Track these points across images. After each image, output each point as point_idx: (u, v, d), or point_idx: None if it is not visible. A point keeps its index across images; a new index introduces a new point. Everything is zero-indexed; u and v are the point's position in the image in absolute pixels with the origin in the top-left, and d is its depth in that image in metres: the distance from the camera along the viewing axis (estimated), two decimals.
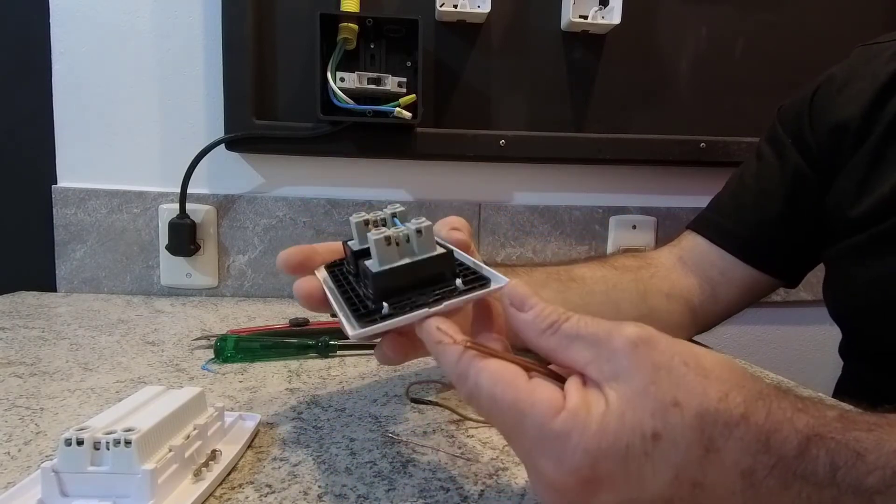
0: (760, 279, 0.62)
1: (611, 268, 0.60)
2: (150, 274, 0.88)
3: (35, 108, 0.86)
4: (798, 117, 0.59)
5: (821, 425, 0.25)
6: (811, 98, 0.58)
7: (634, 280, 0.60)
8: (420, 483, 0.35)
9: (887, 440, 0.24)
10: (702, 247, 0.63)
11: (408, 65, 0.84)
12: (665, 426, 0.24)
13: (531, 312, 0.28)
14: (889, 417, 0.26)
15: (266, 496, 0.33)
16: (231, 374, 0.54)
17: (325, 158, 0.89)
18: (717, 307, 0.63)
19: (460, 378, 0.27)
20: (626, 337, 0.25)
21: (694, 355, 0.26)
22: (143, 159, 0.88)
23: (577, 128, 0.91)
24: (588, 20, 0.85)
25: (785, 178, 0.59)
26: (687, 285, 0.62)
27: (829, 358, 0.62)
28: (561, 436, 0.24)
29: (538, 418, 0.25)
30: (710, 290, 0.62)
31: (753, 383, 0.25)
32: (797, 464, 0.24)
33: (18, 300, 0.82)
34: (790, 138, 0.60)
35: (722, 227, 0.63)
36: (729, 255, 0.62)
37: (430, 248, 0.32)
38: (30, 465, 0.35)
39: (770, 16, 0.93)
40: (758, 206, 0.61)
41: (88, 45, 0.85)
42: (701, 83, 0.93)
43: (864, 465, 0.24)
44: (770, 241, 0.61)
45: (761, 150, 0.63)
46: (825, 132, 0.56)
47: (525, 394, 0.25)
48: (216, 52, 0.84)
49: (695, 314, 0.62)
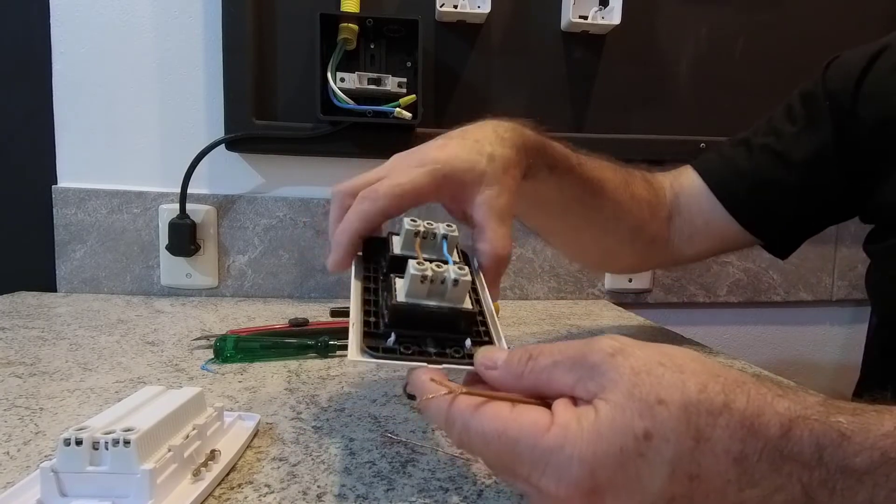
0: (745, 238, 0.60)
1: (629, 195, 0.59)
2: (150, 274, 0.88)
3: (35, 108, 0.86)
4: (845, 81, 0.53)
5: (802, 409, 0.25)
6: (868, 63, 0.52)
7: (638, 217, 0.60)
8: (419, 483, 0.35)
9: (873, 423, 0.24)
10: (697, 188, 0.61)
11: (408, 65, 0.84)
12: (654, 424, 0.24)
13: (502, 366, 0.29)
14: (874, 405, 0.26)
15: (265, 496, 0.33)
16: (231, 374, 0.54)
17: (325, 158, 0.89)
18: (689, 253, 0.64)
19: (448, 425, 0.27)
20: (602, 351, 0.26)
21: (667, 355, 0.26)
22: (143, 159, 0.88)
23: (577, 128, 0.91)
24: (588, 20, 0.85)
25: (809, 144, 0.55)
26: (669, 231, 0.62)
27: (829, 358, 0.62)
28: (554, 450, 0.24)
29: (529, 439, 0.25)
30: (689, 237, 0.62)
31: (728, 373, 0.26)
32: (783, 444, 0.24)
33: (18, 300, 0.82)
34: (828, 101, 0.54)
35: (723, 175, 0.60)
36: (722, 207, 0.59)
37: (459, 299, 0.33)
38: (29, 465, 0.35)
39: (770, 16, 0.93)
40: (769, 166, 0.57)
41: (88, 45, 0.85)
42: (701, 83, 0.93)
43: (850, 446, 0.24)
44: (773, 207, 0.58)
45: (793, 105, 0.58)
46: (875, 111, 0.51)
47: (511, 421, 0.26)
48: (216, 52, 0.84)
49: (667, 258, 0.64)
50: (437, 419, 0.28)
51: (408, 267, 0.32)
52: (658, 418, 0.24)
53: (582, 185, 0.54)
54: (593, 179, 0.55)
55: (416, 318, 0.32)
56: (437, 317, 0.32)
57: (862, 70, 0.52)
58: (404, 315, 0.32)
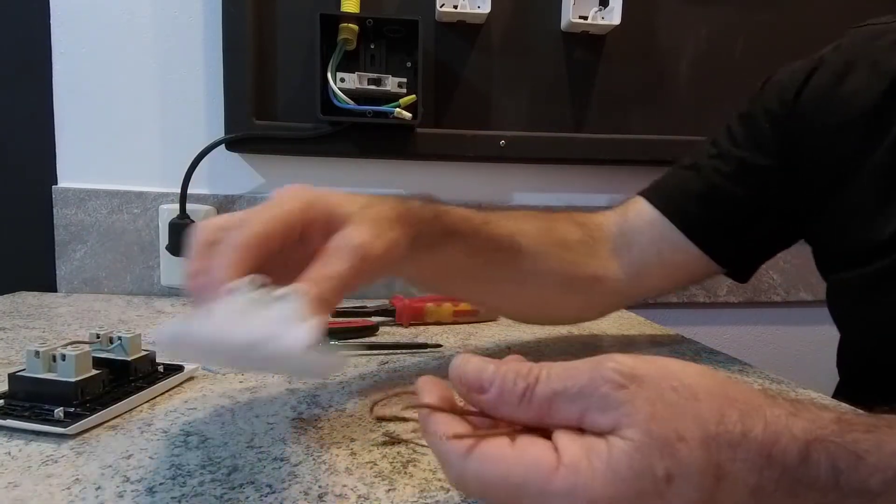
0: (701, 262, 0.57)
1: (553, 242, 0.55)
2: (151, 274, 0.88)
3: (35, 108, 0.86)
4: (783, 103, 0.54)
5: (818, 428, 0.24)
6: (802, 84, 0.53)
7: (569, 262, 0.56)
8: (420, 483, 0.35)
9: (887, 441, 0.24)
10: (647, 216, 0.58)
11: (408, 65, 0.84)
12: (676, 465, 0.23)
13: (493, 391, 0.26)
14: (887, 418, 0.26)
15: (266, 496, 0.33)
16: (231, 374, 0.54)
17: (325, 159, 0.89)
18: (643, 287, 0.60)
19: (443, 467, 0.26)
20: (610, 380, 0.24)
21: (678, 378, 0.25)
22: (143, 159, 0.88)
23: (577, 128, 0.91)
24: (588, 21, 0.85)
25: (753, 167, 0.55)
26: (615, 267, 0.58)
27: (829, 358, 0.61)
28: (565, 494, 0.23)
29: (536, 483, 0.23)
30: (640, 270, 0.58)
31: (742, 394, 0.25)
32: (801, 471, 0.24)
33: (18, 300, 0.82)
34: (768, 123, 0.54)
35: (674, 198, 0.58)
36: (672, 228, 0.57)
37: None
38: (29, 465, 0.35)
39: (770, 16, 0.93)
40: (719, 187, 0.56)
41: (88, 45, 0.85)
42: (701, 83, 0.93)
43: (865, 468, 0.24)
44: (724, 224, 0.56)
45: (732, 127, 0.57)
46: (819, 128, 0.51)
47: (515, 465, 0.24)
48: (216, 52, 0.84)
49: (616, 296, 0.60)
50: (437, 456, 0.26)
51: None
52: (679, 457, 0.23)
53: (491, 245, 0.50)
54: (503, 236, 0.51)
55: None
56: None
57: (798, 88, 0.53)
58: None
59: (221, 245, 0.34)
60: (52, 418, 0.39)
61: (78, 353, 0.41)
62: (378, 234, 0.37)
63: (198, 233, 0.36)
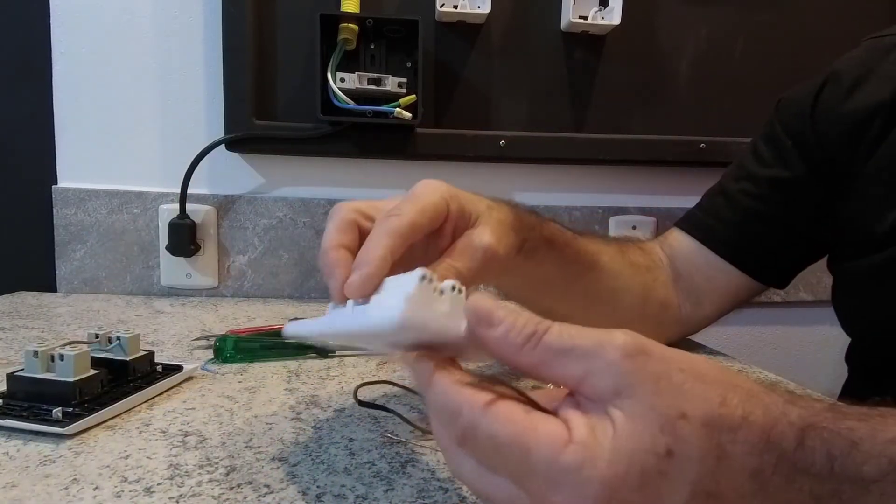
0: (747, 283, 0.60)
1: (627, 263, 0.58)
2: (150, 274, 0.88)
3: (35, 108, 0.86)
4: (800, 118, 0.56)
5: (812, 415, 0.25)
6: (815, 98, 0.55)
7: (642, 284, 0.58)
8: (419, 483, 0.35)
9: (880, 429, 0.24)
10: (687, 247, 0.61)
11: (408, 65, 0.84)
12: (676, 441, 0.23)
13: (502, 327, 0.25)
14: (880, 409, 0.26)
15: (265, 496, 0.33)
16: (231, 374, 0.54)
17: (325, 159, 0.89)
18: (700, 315, 0.62)
19: (451, 418, 0.25)
20: (619, 348, 0.24)
21: (688, 360, 0.25)
22: (143, 159, 0.88)
23: (577, 128, 0.91)
24: (588, 21, 0.85)
25: (783, 182, 0.57)
26: (676, 295, 0.61)
27: (829, 358, 0.61)
28: (574, 470, 0.23)
29: (546, 453, 0.23)
30: (696, 299, 0.61)
31: (743, 382, 0.26)
32: (797, 456, 0.24)
33: (18, 300, 0.82)
34: (790, 140, 0.57)
35: (711, 227, 0.61)
36: (715, 256, 0.59)
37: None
38: (27, 465, 0.35)
39: (770, 16, 0.93)
40: (751, 210, 0.59)
41: (88, 46, 0.85)
42: (701, 83, 0.93)
43: (859, 455, 0.24)
44: (762, 245, 0.59)
45: (758, 149, 0.60)
46: (835, 137, 0.53)
47: (529, 429, 0.24)
48: (216, 52, 0.84)
49: (680, 325, 0.62)
50: (441, 407, 0.26)
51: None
52: (680, 434, 0.23)
53: (581, 259, 0.52)
54: (590, 252, 0.53)
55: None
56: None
57: (816, 94, 0.55)
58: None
59: (377, 229, 0.36)
60: (50, 418, 0.39)
61: (76, 353, 0.41)
62: (500, 238, 0.40)
63: (340, 211, 0.38)
